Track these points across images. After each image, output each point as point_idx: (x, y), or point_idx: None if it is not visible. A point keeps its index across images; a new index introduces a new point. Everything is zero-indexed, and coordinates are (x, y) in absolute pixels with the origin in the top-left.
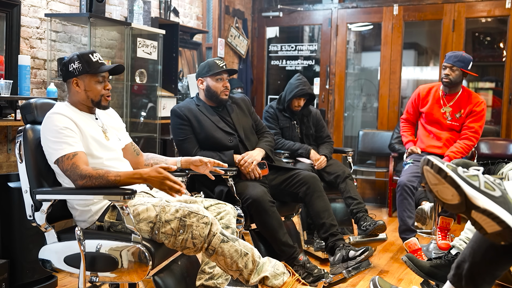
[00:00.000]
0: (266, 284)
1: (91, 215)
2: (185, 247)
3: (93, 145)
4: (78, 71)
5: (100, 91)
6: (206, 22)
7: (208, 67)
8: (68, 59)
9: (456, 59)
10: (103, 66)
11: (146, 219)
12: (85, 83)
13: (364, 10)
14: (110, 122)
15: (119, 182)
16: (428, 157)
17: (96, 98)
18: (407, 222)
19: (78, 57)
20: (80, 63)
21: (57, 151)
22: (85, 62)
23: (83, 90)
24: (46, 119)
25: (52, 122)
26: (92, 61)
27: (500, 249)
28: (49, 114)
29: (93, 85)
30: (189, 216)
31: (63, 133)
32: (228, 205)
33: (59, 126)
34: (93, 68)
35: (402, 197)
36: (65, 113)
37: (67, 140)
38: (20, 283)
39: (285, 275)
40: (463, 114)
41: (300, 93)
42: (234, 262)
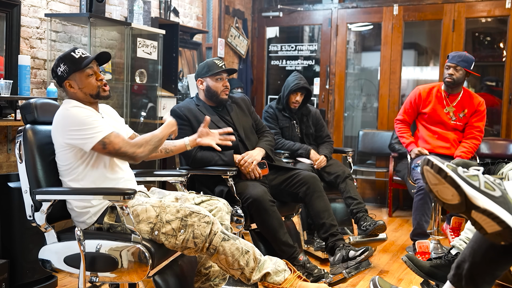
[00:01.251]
0: (267, 280)
1: (89, 216)
2: (186, 247)
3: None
4: (66, 72)
5: (94, 84)
6: (206, 22)
7: (207, 67)
8: (54, 65)
9: (460, 59)
10: (88, 59)
11: (146, 220)
12: (77, 82)
13: (364, 10)
14: (114, 122)
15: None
16: (428, 157)
17: (93, 92)
18: (424, 227)
19: (61, 59)
20: (65, 64)
21: (96, 134)
22: (69, 62)
23: (77, 89)
24: (63, 115)
25: (73, 115)
26: (75, 58)
27: (500, 249)
28: (64, 110)
29: (84, 80)
30: (191, 216)
31: (91, 119)
32: (220, 200)
33: (83, 115)
34: (78, 64)
35: (423, 201)
36: (79, 105)
37: (99, 124)
38: (20, 283)
39: (286, 272)
40: (466, 113)
41: (296, 87)
42: (235, 260)
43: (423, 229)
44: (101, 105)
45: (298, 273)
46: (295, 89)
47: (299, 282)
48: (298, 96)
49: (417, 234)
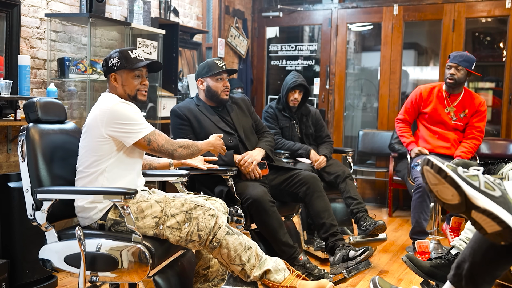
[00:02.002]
0: (267, 278)
1: (95, 212)
2: (190, 240)
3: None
4: (117, 66)
5: (136, 85)
6: (206, 22)
7: (207, 67)
8: (109, 55)
9: (461, 58)
10: (140, 62)
11: (151, 215)
12: (122, 78)
13: (364, 10)
14: None
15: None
16: (428, 157)
17: (132, 93)
18: (423, 225)
19: (118, 53)
20: (119, 58)
21: (142, 130)
22: (123, 58)
23: (120, 84)
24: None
25: (122, 109)
26: (130, 57)
27: (500, 249)
28: (112, 104)
29: (129, 79)
30: (195, 209)
31: (138, 116)
32: (218, 200)
33: (131, 111)
34: (130, 63)
35: (421, 199)
36: (125, 102)
37: (144, 121)
38: (20, 283)
39: (286, 272)
40: (467, 114)
41: (293, 84)
42: (237, 255)
43: (422, 227)
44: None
45: (297, 272)
46: (293, 87)
47: (299, 281)
48: (296, 94)
49: (416, 232)
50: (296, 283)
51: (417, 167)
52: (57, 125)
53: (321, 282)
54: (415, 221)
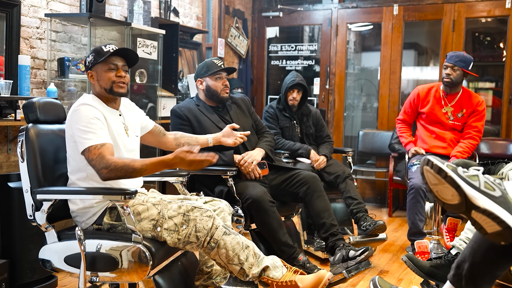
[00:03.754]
0: (266, 275)
1: (89, 217)
2: (188, 241)
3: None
4: (91, 63)
5: (110, 77)
6: (206, 22)
7: (206, 67)
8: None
9: (457, 59)
10: (109, 53)
11: (148, 217)
12: (98, 74)
13: (364, 10)
14: (131, 118)
15: (145, 170)
16: (428, 157)
17: (107, 86)
18: (419, 226)
19: (92, 50)
20: (93, 55)
21: (86, 141)
22: (96, 53)
23: (96, 80)
24: (74, 110)
25: (81, 112)
26: (103, 51)
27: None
28: (78, 105)
29: (103, 73)
30: (193, 211)
31: (93, 123)
32: (222, 202)
33: (89, 116)
34: (102, 56)
35: (415, 199)
36: (93, 104)
37: (96, 131)
38: (20, 283)
39: (284, 268)
40: (465, 113)
41: (292, 83)
42: (236, 254)
43: (418, 228)
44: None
45: (294, 268)
46: (291, 86)
47: (297, 276)
48: (295, 93)
49: (413, 233)
50: (295, 278)
51: (412, 167)
52: (56, 125)
53: (320, 273)
54: (411, 222)
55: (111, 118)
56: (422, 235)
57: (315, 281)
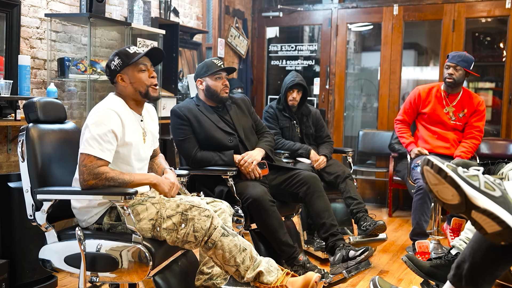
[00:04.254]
0: (260, 280)
1: (90, 216)
2: (186, 241)
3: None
4: (119, 66)
5: (145, 80)
6: (206, 22)
7: (206, 67)
8: (109, 60)
9: (460, 58)
10: (141, 53)
11: (147, 218)
12: (129, 76)
13: (364, 10)
14: (151, 125)
15: (131, 185)
16: (428, 157)
17: (143, 89)
18: (423, 226)
19: (116, 54)
20: (119, 58)
21: (90, 147)
22: (123, 56)
23: (129, 83)
24: (99, 111)
25: (104, 118)
26: (129, 53)
27: (500, 249)
28: (103, 106)
29: (136, 75)
30: (191, 210)
31: (106, 137)
32: (224, 203)
33: (107, 127)
34: (131, 58)
35: (422, 200)
36: (117, 109)
37: (104, 145)
38: (20, 283)
39: (279, 272)
40: (466, 113)
41: (291, 84)
42: (232, 256)
43: (422, 229)
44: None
45: (286, 271)
46: (291, 86)
47: (288, 279)
48: (295, 93)
49: (417, 234)
50: (286, 281)
51: (417, 168)
52: (57, 125)
53: (308, 275)
54: (416, 222)
55: (132, 123)
56: (425, 235)
57: (303, 284)
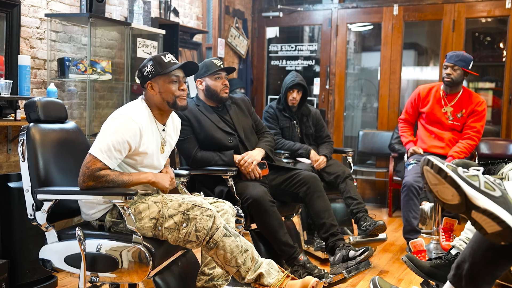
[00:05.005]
0: (260, 282)
1: (95, 211)
2: (188, 240)
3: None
4: (152, 73)
5: (174, 91)
6: (206, 22)
7: (205, 67)
8: (143, 64)
9: (457, 58)
10: (174, 65)
11: (148, 216)
12: (159, 85)
13: (364, 10)
14: (172, 136)
15: (130, 185)
16: (428, 157)
17: (171, 100)
18: (412, 223)
19: (151, 59)
20: (153, 65)
21: (99, 151)
22: (157, 64)
23: (158, 92)
24: (121, 117)
25: (122, 126)
26: (164, 62)
27: (500, 249)
28: (127, 114)
29: (166, 85)
30: (193, 209)
31: (118, 145)
32: (226, 203)
33: (124, 138)
34: (164, 68)
35: (407, 197)
36: (139, 118)
37: (113, 153)
38: (20, 283)
39: (279, 273)
40: (464, 114)
41: (291, 84)
42: (233, 257)
43: (412, 226)
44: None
45: (286, 273)
46: (291, 86)
47: (287, 282)
48: (295, 93)
49: (408, 231)
50: (285, 284)
51: (409, 166)
52: (57, 125)
53: (306, 280)
54: (405, 220)
55: (152, 132)
56: (416, 232)
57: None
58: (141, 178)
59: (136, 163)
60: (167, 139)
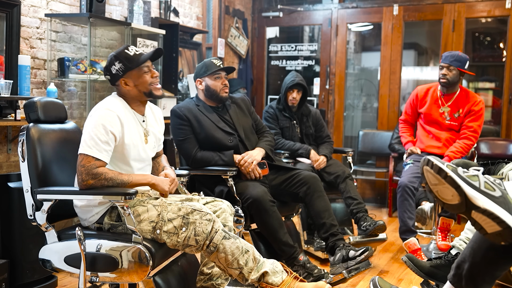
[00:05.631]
0: (265, 281)
1: (92, 215)
2: (187, 245)
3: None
4: (122, 70)
5: (148, 81)
6: (206, 22)
7: (205, 67)
8: (108, 63)
9: (452, 58)
10: (143, 56)
11: (148, 219)
12: (133, 79)
13: (364, 10)
14: (155, 128)
15: (129, 185)
16: (428, 157)
17: (147, 89)
18: (408, 223)
19: (116, 57)
20: (120, 62)
21: (88, 148)
22: (125, 60)
23: (133, 86)
24: (98, 111)
25: (102, 119)
26: (130, 56)
27: (500, 249)
28: (103, 107)
29: (140, 78)
30: (192, 214)
31: (104, 136)
32: (224, 202)
33: (106, 128)
34: (134, 62)
35: (403, 198)
36: (118, 110)
37: (103, 146)
38: (20, 283)
39: (283, 274)
40: (461, 113)
41: (291, 83)
42: (235, 259)
43: (407, 226)
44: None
45: (294, 274)
46: (291, 86)
47: (297, 283)
48: (295, 93)
49: (403, 231)
50: (294, 285)
51: (406, 166)
52: (57, 125)
53: (319, 284)
54: (401, 220)
55: (133, 124)
56: (412, 233)
57: None
58: (141, 179)
59: (123, 156)
60: (150, 129)
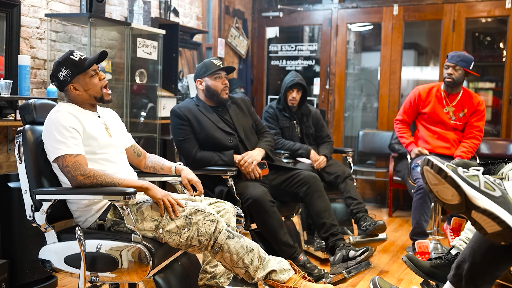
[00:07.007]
0: (272, 278)
1: (91, 215)
2: (190, 245)
3: (96, 142)
4: (70, 76)
5: (97, 84)
6: (206, 22)
7: (205, 67)
8: (53, 70)
9: (459, 58)
10: (88, 60)
11: (151, 217)
12: (81, 84)
13: (364, 10)
14: (111, 121)
15: (122, 182)
16: (428, 157)
17: (98, 94)
18: (423, 226)
19: (61, 63)
20: (66, 68)
21: (60, 149)
22: (71, 65)
23: (83, 91)
24: (51, 117)
25: (58, 120)
26: (76, 61)
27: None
28: (54, 112)
29: (89, 81)
30: (196, 214)
31: (68, 133)
32: (227, 203)
33: (65, 125)
34: (80, 66)
35: (422, 200)
36: (70, 110)
37: (71, 141)
38: (20, 283)
39: (291, 272)
40: (466, 113)
41: (291, 83)
42: (240, 258)
43: (422, 229)
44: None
45: (302, 273)
46: (291, 85)
47: (304, 282)
48: (294, 93)
49: (417, 233)
50: (301, 284)
51: (417, 168)
52: None
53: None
54: (416, 222)
55: (90, 119)
56: (425, 235)
57: None
58: (136, 183)
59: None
60: (109, 124)
